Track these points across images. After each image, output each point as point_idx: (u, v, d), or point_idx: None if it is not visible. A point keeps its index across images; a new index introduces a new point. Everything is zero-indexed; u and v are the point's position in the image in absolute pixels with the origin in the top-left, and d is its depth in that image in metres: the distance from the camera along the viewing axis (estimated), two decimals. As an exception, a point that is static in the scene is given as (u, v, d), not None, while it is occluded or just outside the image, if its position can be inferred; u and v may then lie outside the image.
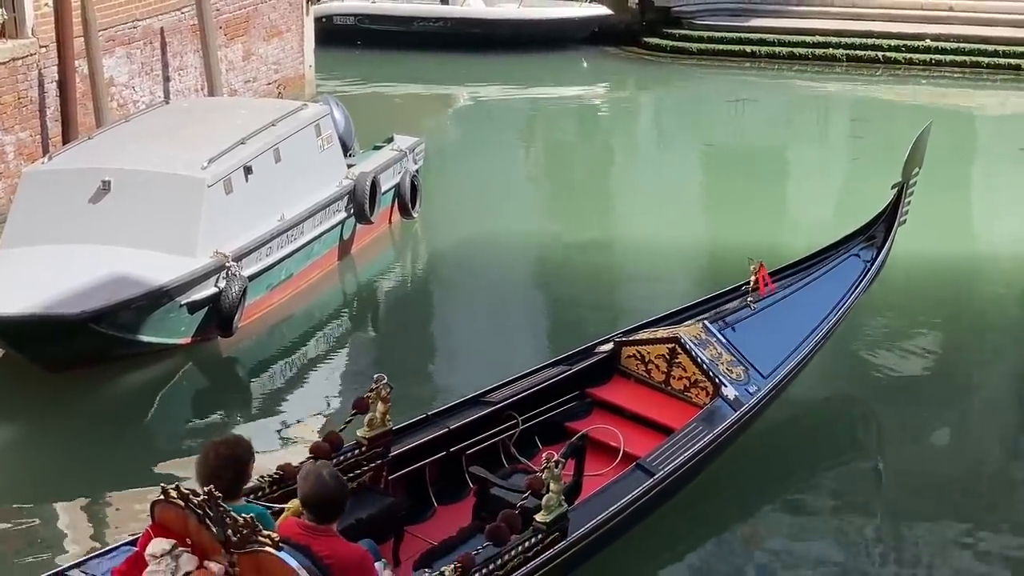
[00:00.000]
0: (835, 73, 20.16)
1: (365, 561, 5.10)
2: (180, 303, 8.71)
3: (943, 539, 7.20)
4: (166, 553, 5.07)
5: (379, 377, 6.24)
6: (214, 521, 4.93)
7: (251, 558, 4.86)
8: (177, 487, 5.02)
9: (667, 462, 6.53)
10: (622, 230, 12.94)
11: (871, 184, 9.54)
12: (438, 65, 19.90)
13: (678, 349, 7.36)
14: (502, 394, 7.08)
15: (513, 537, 5.60)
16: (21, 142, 11.61)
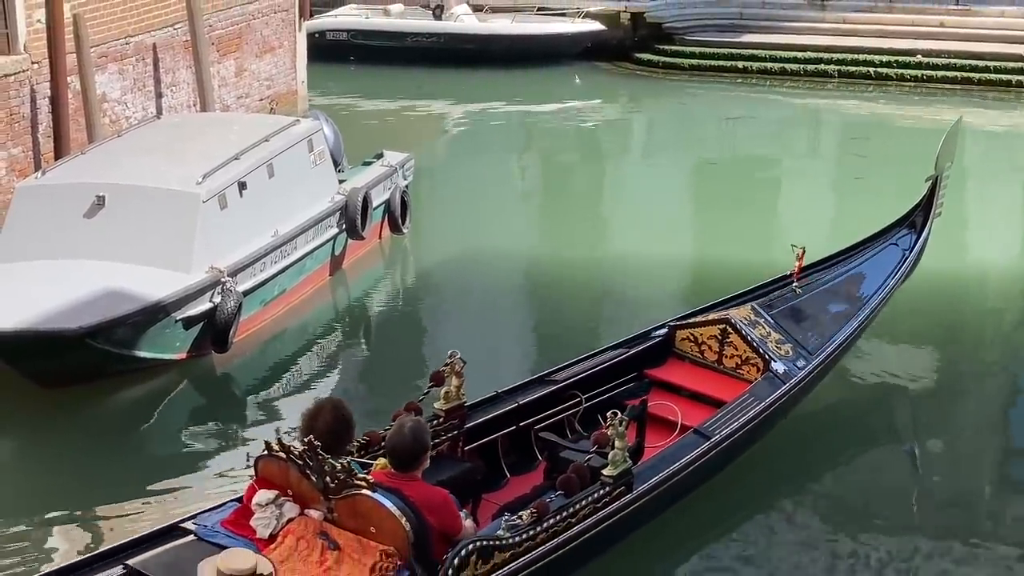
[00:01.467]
0: (826, 89, 20.20)
1: (448, 501, 5.63)
2: (176, 318, 8.68)
3: (971, 527, 7.39)
4: (270, 502, 5.64)
5: (452, 352, 6.70)
6: (314, 471, 5.49)
7: (348, 502, 5.45)
8: (279, 440, 5.58)
9: (722, 428, 7.01)
10: (613, 245, 12.92)
11: (877, 202, 9.58)
12: (431, 81, 19.91)
13: (729, 330, 7.82)
14: (565, 374, 7.57)
15: (583, 490, 6.06)
16: (13, 158, 11.57)
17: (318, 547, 5.48)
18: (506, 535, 5.75)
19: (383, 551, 5.41)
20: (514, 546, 5.75)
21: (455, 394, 6.71)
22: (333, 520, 5.54)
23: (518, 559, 5.76)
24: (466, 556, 5.54)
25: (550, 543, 5.91)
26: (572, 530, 6.02)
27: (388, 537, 5.42)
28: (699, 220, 13.92)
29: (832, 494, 7.79)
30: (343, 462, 5.50)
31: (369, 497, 5.42)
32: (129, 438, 8.16)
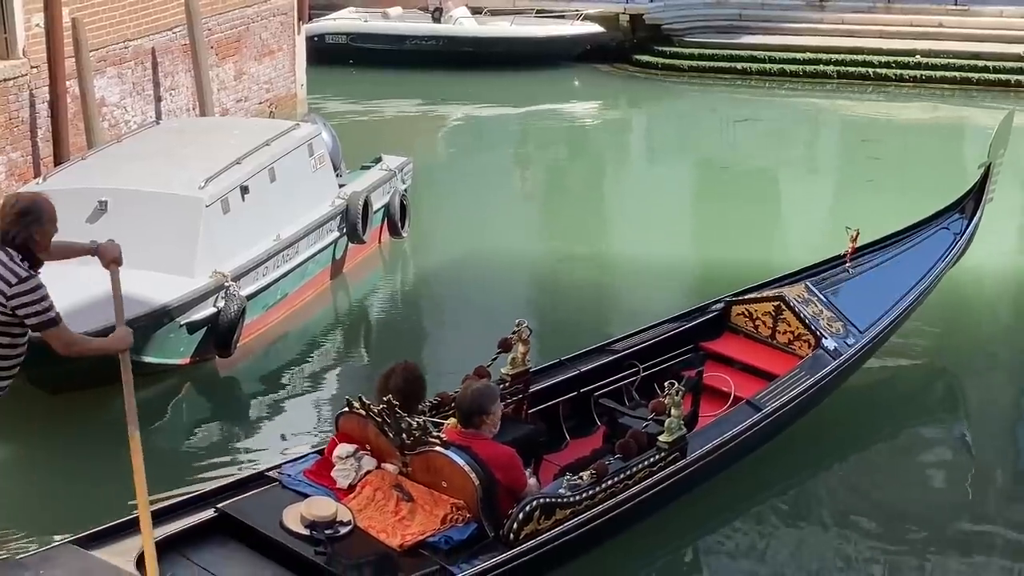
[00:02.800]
0: (826, 90, 20.18)
1: (515, 460, 6.05)
2: (180, 323, 8.63)
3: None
4: (350, 455, 6.10)
5: (520, 321, 7.15)
6: (391, 428, 5.94)
7: (422, 458, 5.91)
8: (360, 399, 6.06)
9: (773, 400, 7.30)
10: (613, 247, 12.89)
11: (889, 203, 9.70)
12: (430, 83, 19.87)
13: (783, 306, 8.16)
14: (624, 344, 7.96)
15: (639, 455, 6.44)
16: (13, 163, 11.53)
17: (393, 498, 5.93)
18: (567, 494, 6.11)
19: (453, 504, 5.83)
20: (574, 504, 6.11)
21: (521, 360, 7.11)
22: (407, 474, 5.98)
23: (577, 516, 6.12)
24: (530, 511, 5.91)
25: (607, 503, 6.26)
26: (628, 492, 6.37)
27: (458, 491, 5.82)
28: (703, 221, 13.84)
29: (876, 468, 8.06)
30: (418, 420, 5.92)
31: (441, 453, 5.84)
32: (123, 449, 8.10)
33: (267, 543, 5.81)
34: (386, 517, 5.87)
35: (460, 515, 5.83)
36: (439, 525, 5.79)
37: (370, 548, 5.74)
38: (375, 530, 5.82)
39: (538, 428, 7.07)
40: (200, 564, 5.74)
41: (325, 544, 5.68)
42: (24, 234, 5.17)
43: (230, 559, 5.81)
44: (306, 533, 5.74)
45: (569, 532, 6.10)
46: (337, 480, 6.10)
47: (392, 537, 5.78)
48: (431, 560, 5.67)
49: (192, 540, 5.86)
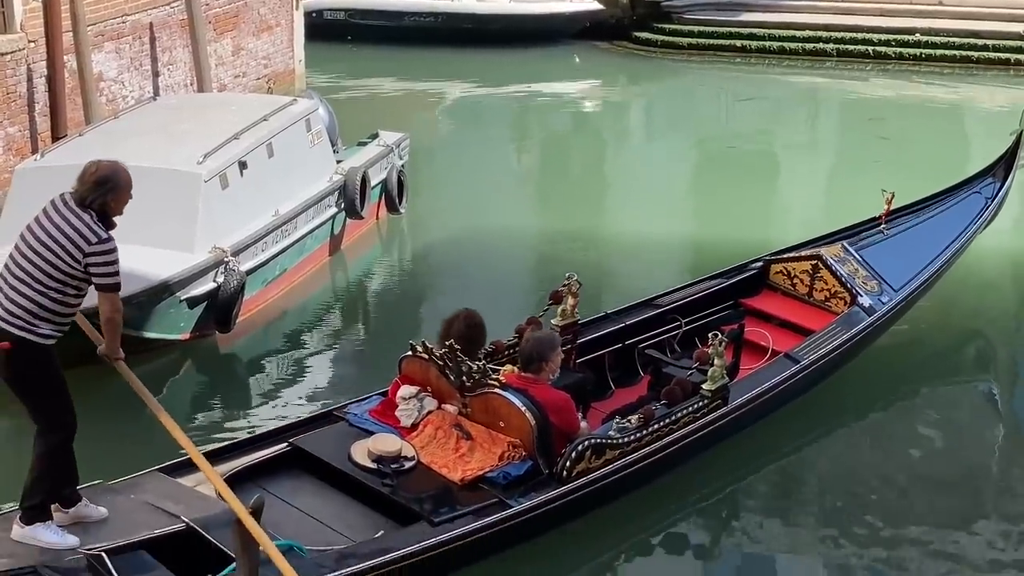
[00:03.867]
0: (825, 68, 20.13)
1: (570, 403, 6.49)
2: (180, 298, 8.62)
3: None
4: (413, 396, 6.54)
5: (570, 274, 7.60)
6: (452, 371, 6.39)
7: (481, 399, 6.35)
8: (423, 343, 6.52)
9: (810, 353, 7.67)
10: (612, 224, 12.89)
11: (906, 183, 9.91)
12: (428, 60, 19.82)
13: (820, 265, 8.50)
14: (667, 299, 8.36)
15: (684, 401, 6.84)
16: (10, 137, 11.49)
17: (453, 436, 6.35)
18: (617, 435, 6.52)
19: (510, 442, 6.25)
20: (623, 445, 6.52)
21: (570, 312, 7.54)
22: (467, 414, 6.42)
23: (625, 457, 6.53)
24: (582, 451, 6.32)
25: (653, 445, 6.67)
26: (673, 435, 6.77)
27: (515, 431, 6.25)
28: (705, 200, 13.79)
29: (908, 423, 8.32)
30: (478, 364, 6.38)
31: (500, 395, 6.28)
32: (134, 419, 7.99)
33: (336, 475, 6.25)
34: (447, 454, 6.29)
35: (516, 453, 6.24)
36: (497, 462, 6.20)
37: (432, 482, 6.17)
38: (437, 465, 6.24)
39: (587, 376, 7.43)
40: (274, 493, 6.11)
41: (391, 477, 6.13)
42: (101, 200, 5.45)
43: (301, 489, 6.24)
44: (373, 467, 6.18)
45: (617, 471, 6.49)
46: (400, 419, 6.54)
47: (453, 472, 6.20)
48: (489, 494, 6.10)
49: (266, 472, 6.28)
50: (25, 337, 5.40)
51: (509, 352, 7.07)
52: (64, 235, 5.38)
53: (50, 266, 5.38)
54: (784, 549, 6.98)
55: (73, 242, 5.37)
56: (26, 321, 5.41)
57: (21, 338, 5.40)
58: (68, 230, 5.39)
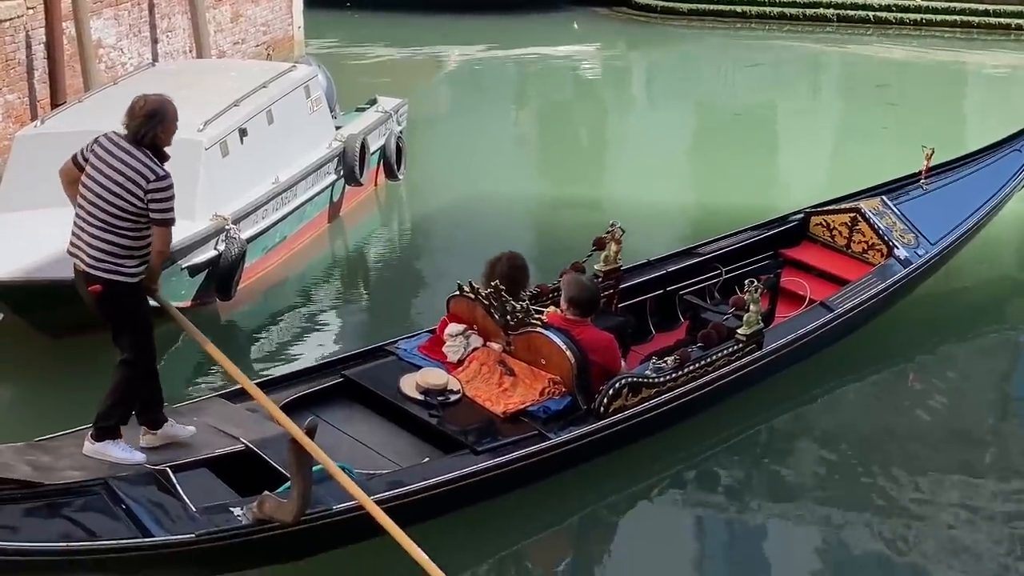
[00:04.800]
0: (825, 33, 20.10)
1: (611, 344, 6.78)
2: (181, 266, 8.63)
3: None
4: (459, 334, 6.88)
5: (613, 222, 7.86)
6: (497, 310, 6.72)
7: (524, 338, 6.66)
8: (470, 283, 6.85)
9: (845, 302, 7.90)
10: (612, 190, 12.88)
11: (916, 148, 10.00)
12: (427, 26, 19.75)
13: (858, 218, 8.73)
14: (709, 248, 8.61)
15: (719, 344, 7.07)
16: (9, 104, 11.48)
17: (497, 372, 6.65)
18: (653, 375, 6.77)
19: (551, 379, 6.52)
20: (659, 384, 6.76)
21: (613, 258, 7.80)
22: (510, 352, 6.71)
23: (661, 395, 6.77)
24: (619, 388, 6.57)
25: (688, 385, 6.91)
26: (707, 377, 7.00)
27: (556, 368, 6.52)
28: (704, 165, 13.78)
29: (940, 372, 8.53)
30: (522, 304, 6.69)
31: (542, 334, 6.58)
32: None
33: (385, 406, 6.59)
34: (491, 388, 6.60)
35: (557, 389, 6.51)
36: (537, 397, 6.48)
37: (476, 413, 6.47)
38: (481, 399, 6.54)
39: (627, 320, 7.68)
40: (327, 420, 6.36)
41: (437, 408, 6.47)
42: (152, 133, 5.66)
43: (352, 418, 6.55)
44: (420, 398, 6.51)
45: (653, 409, 6.73)
46: (447, 355, 6.88)
47: (496, 405, 6.49)
48: (530, 426, 6.38)
49: (320, 400, 6.57)
50: (114, 279, 5.66)
51: (553, 295, 7.32)
52: (125, 176, 5.59)
53: (118, 208, 5.59)
54: (810, 490, 7.11)
55: (134, 181, 5.57)
56: (111, 263, 5.65)
57: (110, 280, 5.66)
58: (128, 171, 5.59)
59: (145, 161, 5.62)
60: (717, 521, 6.86)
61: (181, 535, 5.36)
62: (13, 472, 5.54)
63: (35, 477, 5.56)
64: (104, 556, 5.28)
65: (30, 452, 5.82)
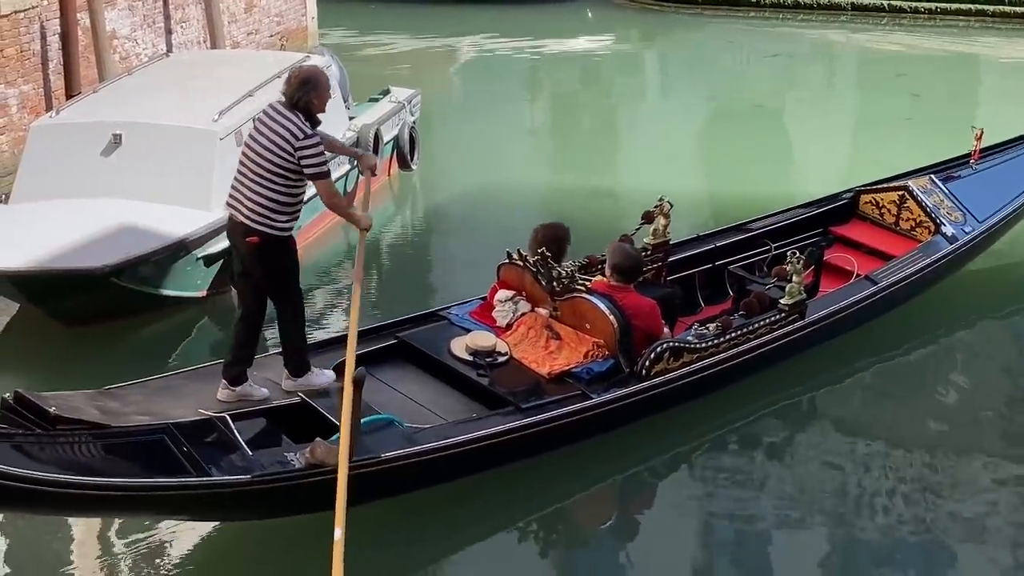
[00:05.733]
0: (840, 22, 20.01)
1: (654, 310, 7.02)
2: (196, 256, 8.66)
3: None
4: (508, 299, 7.25)
5: (662, 196, 8.08)
6: (544, 277, 7.07)
7: (569, 303, 6.97)
8: (518, 251, 7.19)
9: (890, 276, 8.08)
10: (627, 180, 12.82)
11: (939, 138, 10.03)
12: (441, 16, 19.73)
13: (907, 196, 8.91)
14: (759, 224, 8.82)
15: (761, 313, 7.31)
16: (25, 95, 11.52)
17: (544, 336, 6.96)
18: (694, 340, 7.03)
19: (595, 342, 6.81)
20: (700, 350, 7.02)
21: (661, 232, 8.04)
22: (557, 317, 7.03)
23: (702, 360, 7.01)
24: (661, 352, 6.85)
25: (729, 352, 7.14)
26: (749, 344, 7.23)
27: (599, 332, 6.82)
28: (721, 155, 13.68)
29: (983, 349, 8.65)
30: (568, 270, 6.99)
31: (586, 299, 6.87)
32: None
33: (436, 366, 6.91)
34: (537, 351, 6.89)
35: (600, 352, 6.80)
36: (582, 359, 6.76)
37: (522, 374, 6.78)
38: (527, 360, 6.85)
39: (675, 291, 7.90)
40: (382, 379, 6.73)
41: (485, 369, 6.80)
42: (305, 98, 6.21)
43: (405, 378, 6.86)
44: (469, 359, 6.85)
45: (694, 374, 6.98)
46: (497, 319, 7.21)
47: (541, 367, 6.78)
48: (573, 387, 6.66)
49: (375, 360, 6.83)
50: (267, 232, 6.19)
51: (600, 266, 7.54)
52: (277, 135, 6.15)
53: (271, 164, 6.16)
54: (849, 458, 7.22)
55: (286, 139, 6.13)
56: (266, 217, 6.19)
57: (265, 232, 6.19)
58: (280, 130, 6.15)
59: (296, 123, 6.16)
60: (755, 485, 6.99)
61: (238, 476, 5.68)
62: (83, 414, 5.86)
63: (103, 420, 5.88)
64: (165, 494, 5.57)
65: (99, 398, 6.15)
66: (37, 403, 5.78)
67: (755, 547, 6.56)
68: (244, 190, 6.27)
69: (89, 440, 5.71)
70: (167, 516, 6.10)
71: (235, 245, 6.43)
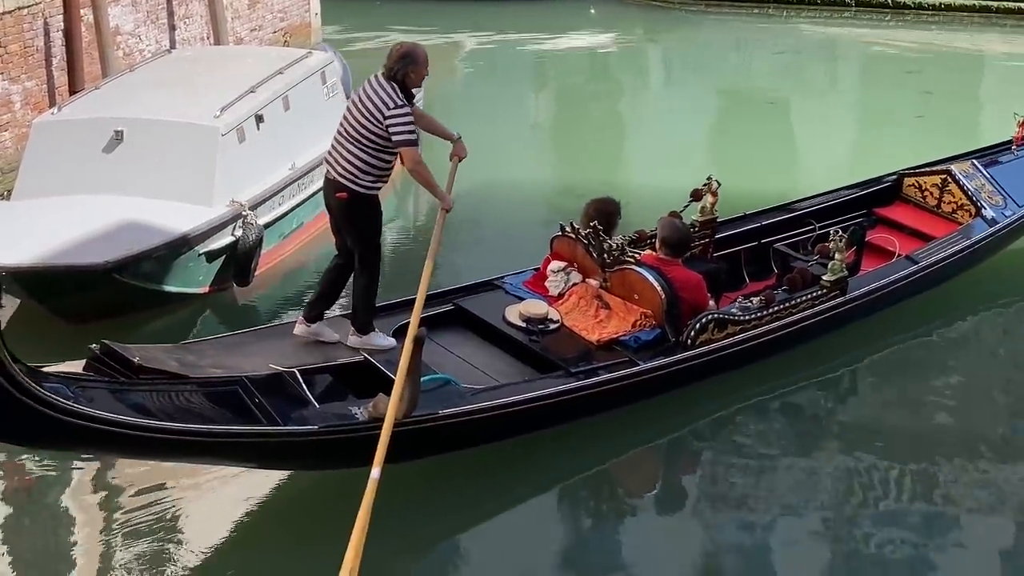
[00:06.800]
0: (844, 18, 19.98)
1: (700, 283, 7.36)
2: (199, 252, 8.67)
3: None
4: (561, 270, 7.64)
5: (710, 176, 8.39)
6: (595, 249, 7.42)
7: (619, 274, 7.32)
8: (571, 223, 7.57)
9: (930, 256, 8.33)
10: (631, 176, 12.78)
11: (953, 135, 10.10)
12: (444, 12, 19.73)
13: (949, 179, 9.17)
14: (804, 204, 9.14)
15: (804, 289, 7.61)
16: (28, 91, 11.53)
17: (594, 306, 7.31)
18: (738, 312, 7.36)
19: (643, 312, 7.16)
20: (743, 322, 7.34)
21: (709, 209, 8.38)
22: (607, 288, 7.37)
23: (745, 332, 7.34)
24: (705, 323, 7.19)
25: (772, 324, 7.45)
26: (790, 318, 7.54)
27: (647, 303, 7.16)
28: (732, 152, 13.60)
29: (1021, 332, 8.89)
30: (618, 242, 7.34)
31: (635, 271, 7.22)
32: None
33: (491, 331, 7.30)
34: (587, 319, 7.24)
35: (648, 322, 7.14)
36: (630, 328, 7.11)
37: (573, 341, 7.12)
38: (578, 328, 7.18)
39: (720, 266, 8.23)
40: (439, 343, 7.13)
41: (537, 335, 7.15)
42: (402, 71, 6.71)
43: (460, 342, 7.25)
44: (523, 326, 7.22)
45: (737, 344, 7.30)
46: (549, 289, 7.59)
47: (591, 334, 7.12)
48: (621, 354, 7.00)
49: (433, 325, 7.13)
50: (355, 189, 6.75)
51: (650, 240, 7.86)
52: (372, 103, 6.66)
53: (365, 129, 6.67)
54: (883, 432, 7.45)
55: (378, 108, 6.64)
56: (354, 176, 6.75)
57: (353, 189, 6.75)
58: (376, 99, 6.66)
59: (390, 93, 6.66)
60: (797, 450, 7.27)
61: (306, 426, 6.02)
62: (164, 365, 6.26)
63: (181, 371, 6.26)
64: (238, 441, 5.91)
65: (176, 351, 6.62)
66: (122, 354, 6.17)
67: (789, 514, 6.72)
68: (340, 149, 6.79)
69: (169, 389, 6.06)
70: (238, 464, 6.41)
71: (327, 200, 7.02)
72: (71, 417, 5.41)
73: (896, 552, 6.33)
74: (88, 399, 5.57)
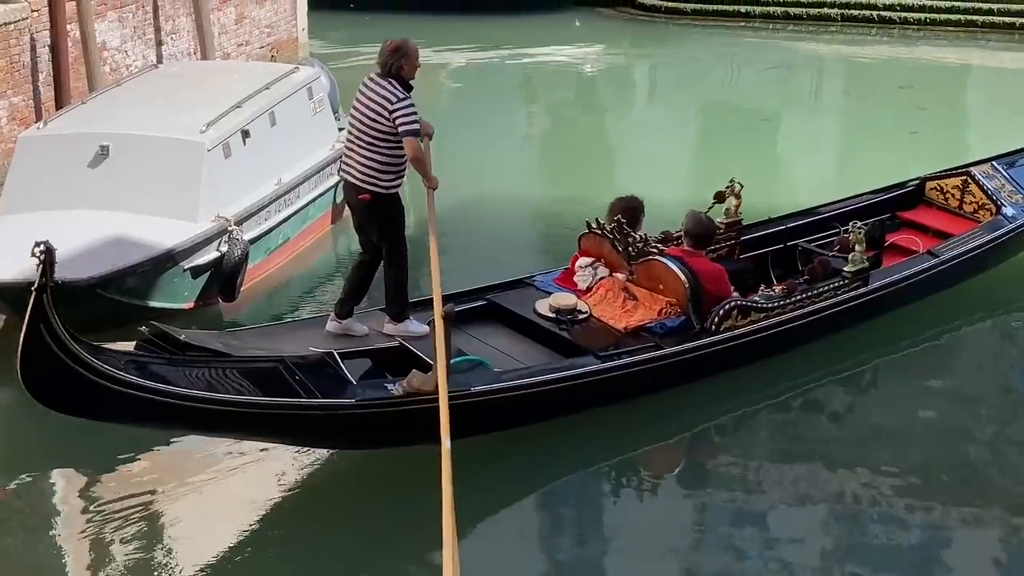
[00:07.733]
0: (830, 33, 20.09)
1: (722, 274, 7.70)
2: (184, 268, 8.67)
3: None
4: (588, 265, 8.00)
5: (732, 178, 8.65)
6: (620, 243, 7.80)
7: (644, 266, 7.68)
8: (596, 220, 7.95)
9: (950, 251, 8.65)
10: (618, 189, 12.75)
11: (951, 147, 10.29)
12: (431, 27, 19.74)
13: (969, 180, 9.51)
14: (828, 208, 9.47)
15: (825, 280, 7.92)
16: (14, 107, 11.53)
17: (621, 297, 7.69)
18: (761, 301, 7.71)
19: (668, 301, 7.51)
20: (766, 310, 7.68)
21: (733, 212, 8.71)
22: (633, 280, 7.73)
23: (768, 320, 7.66)
24: (729, 310, 7.53)
25: (793, 313, 7.77)
26: (812, 307, 7.85)
27: (672, 292, 7.52)
28: (712, 165, 13.63)
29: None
30: (643, 235, 7.69)
31: (660, 262, 7.59)
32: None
33: (522, 323, 7.67)
34: (615, 309, 7.61)
35: (673, 310, 7.49)
36: (656, 316, 7.48)
37: (601, 329, 7.50)
38: (606, 317, 7.57)
39: (747, 266, 8.57)
40: (473, 335, 7.52)
41: (567, 324, 7.53)
42: (396, 64, 7.05)
43: (493, 334, 7.64)
44: (553, 316, 7.59)
45: (759, 332, 7.61)
46: (578, 283, 7.94)
47: (619, 322, 7.51)
48: (648, 339, 7.36)
49: (467, 319, 7.59)
50: (377, 191, 7.06)
51: (676, 240, 8.14)
52: (375, 102, 6.96)
53: (375, 129, 6.96)
54: (905, 429, 7.65)
55: (382, 105, 6.94)
56: (375, 178, 7.06)
57: (375, 192, 7.07)
58: (377, 97, 6.96)
59: (391, 88, 6.97)
60: (820, 443, 7.52)
61: (344, 399, 6.41)
62: (209, 344, 6.75)
63: (225, 349, 6.72)
64: (279, 412, 6.26)
65: (221, 336, 7.13)
66: (172, 334, 6.65)
67: (811, 496, 6.97)
68: (354, 154, 7.09)
69: (215, 365, 6.48)
70: (277, 439, 6.75)
71: (349, 203, 7.38)
72: (129, 388, 5.85)
73: (929, 551, 6.49)
74: (142, 374, 6.00)
